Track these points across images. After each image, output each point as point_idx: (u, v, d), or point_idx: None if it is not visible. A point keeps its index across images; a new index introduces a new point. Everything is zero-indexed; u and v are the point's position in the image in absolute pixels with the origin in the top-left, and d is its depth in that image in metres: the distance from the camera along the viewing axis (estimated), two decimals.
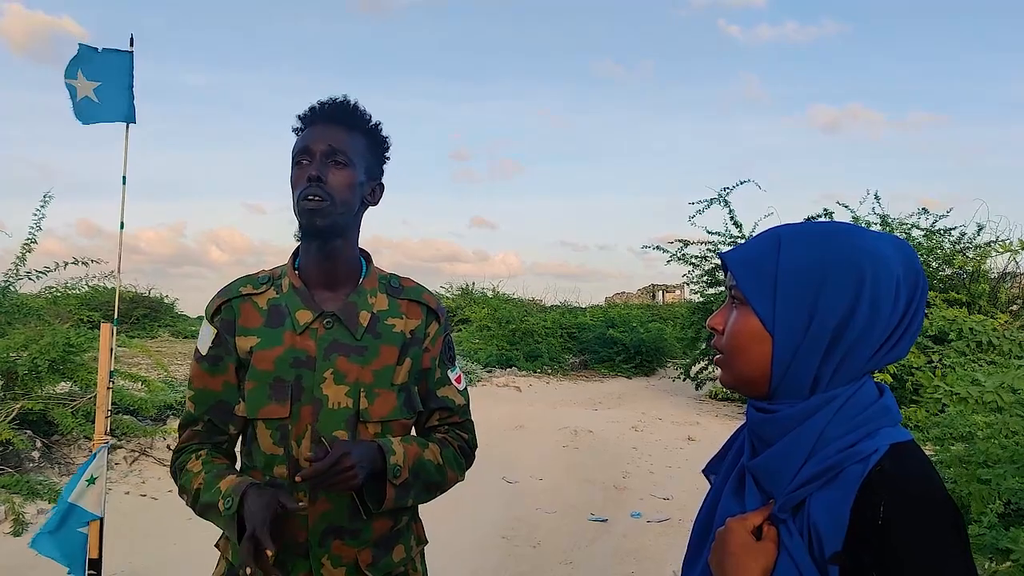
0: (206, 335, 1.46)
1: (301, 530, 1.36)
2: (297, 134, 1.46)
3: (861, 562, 0.76)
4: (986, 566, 2.46)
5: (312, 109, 1.45)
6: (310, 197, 1.36)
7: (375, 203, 1.51)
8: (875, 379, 0.92)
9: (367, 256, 1.52)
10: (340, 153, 1.39)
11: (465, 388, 1.59)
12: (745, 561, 0.82)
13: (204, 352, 1.45)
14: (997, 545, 2.40)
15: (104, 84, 2.68)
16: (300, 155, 1.40)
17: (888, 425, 0.84)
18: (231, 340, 1.43)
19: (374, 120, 1.48)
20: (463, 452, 1.54)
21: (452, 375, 1.56)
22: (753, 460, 0.90)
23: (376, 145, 1.49)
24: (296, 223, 1.42)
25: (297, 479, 1.25)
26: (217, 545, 1.49)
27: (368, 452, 1.31)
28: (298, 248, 1.49)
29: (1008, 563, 2.31)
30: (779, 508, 0.85)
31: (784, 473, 0.85)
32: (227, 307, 1.45)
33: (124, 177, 2.82)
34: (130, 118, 2.77)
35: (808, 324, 0.84)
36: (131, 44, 2.82)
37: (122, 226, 2.85)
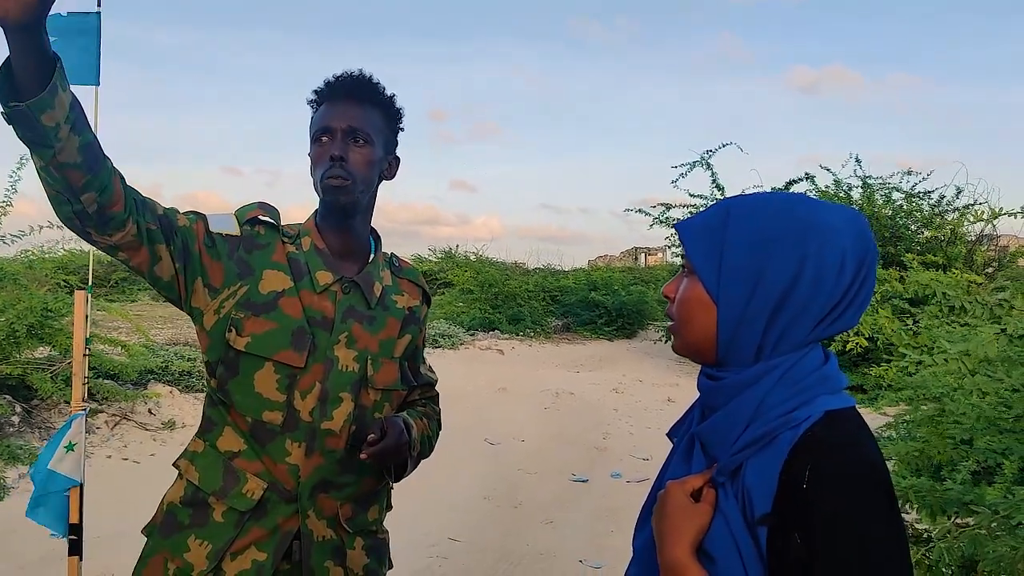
0: (228, 226, 1.39)
1: (291, 479, 1.38)
2: (313, 107, 1.47)
3: (787, 523, 0.79)
4: (950, 520, 2.52)
5: (329, 84, 1.45)
6: (333, 177, 1.38)
7: (391, 177, 1.53)
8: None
9: (376, 234, 1.56)
10: (360, 132, 1.41)
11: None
12: (680, 522, 0.85)
13: (212, 230, 1.38)
14: (963, 500, 2.46)
15: (61, 42, 2.59)
16: (321, 133, 1.42)
17: (826, 393, 0.87)
18: (247, 259, 1.39)
19: (388, 93, 1.49)
20: (439, 424, 1.64)
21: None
22: (700, 426, 0.93)
23: (391, 118, 1.50)
24: (317, 196, 1.45)
25: (363, 456, 1.31)
26: (176, 464, 1.45)
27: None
28: (317, 210, 1.50)
29: (971, 518, 2.38)
30: (718, 472, 0.88)
31: (726, 438, 0.88)
32: (263, 229, 1.43)
33: None
34: (93, 81, 2.70)
35: (751, 294, 0.86)
36: (99, 4, 2.74)
37: None
